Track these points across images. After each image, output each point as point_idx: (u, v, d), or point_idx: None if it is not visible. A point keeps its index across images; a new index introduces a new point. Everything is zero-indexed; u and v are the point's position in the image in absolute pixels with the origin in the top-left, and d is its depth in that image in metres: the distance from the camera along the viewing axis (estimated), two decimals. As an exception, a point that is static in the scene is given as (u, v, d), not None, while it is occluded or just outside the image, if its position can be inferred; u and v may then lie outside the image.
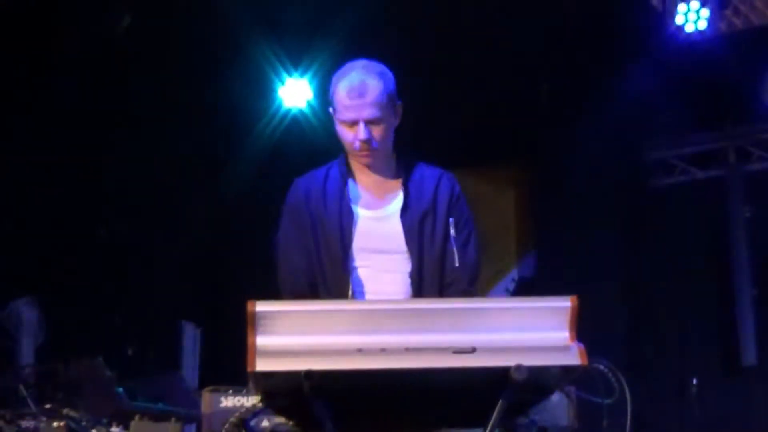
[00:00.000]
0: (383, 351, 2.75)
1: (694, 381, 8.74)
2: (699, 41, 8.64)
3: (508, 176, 10.27)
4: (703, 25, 8.55)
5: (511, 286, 9.79)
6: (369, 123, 3.75)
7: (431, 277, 3.79)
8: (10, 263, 7.71)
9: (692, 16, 8.48)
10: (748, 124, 9.62)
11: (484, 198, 9.81)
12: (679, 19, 8.56)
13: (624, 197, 9.84)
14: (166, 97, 8.70)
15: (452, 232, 3.80)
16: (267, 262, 4.01)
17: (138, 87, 8.62)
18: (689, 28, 8.58)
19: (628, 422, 3.33)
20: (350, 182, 3.90)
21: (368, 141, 3.77)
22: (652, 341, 9.48)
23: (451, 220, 3.82)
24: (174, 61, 8.71)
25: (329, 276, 3.78)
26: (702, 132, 9.76)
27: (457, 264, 3.78)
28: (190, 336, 9.36)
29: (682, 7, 8.49)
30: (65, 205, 8.19)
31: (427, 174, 3.93)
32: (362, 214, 3.84)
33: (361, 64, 3.83)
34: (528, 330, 2.83)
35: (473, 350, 2.76)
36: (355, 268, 3.79)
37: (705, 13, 8.47)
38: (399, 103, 3.86)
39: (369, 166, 3.88)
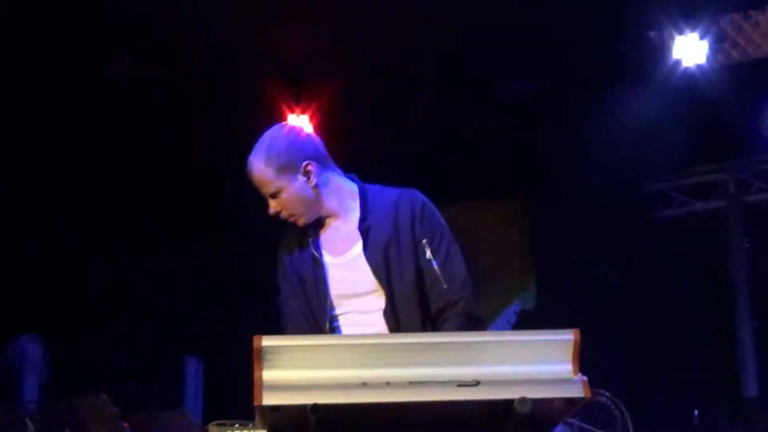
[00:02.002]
0: (388, 385, 2.77)
1: (696, 413, 8.73)
2: (697, 74, 8.68)
3: (508, 210, 10.30)
4: (701, 58, 8.59)
5: (513, 319, 9.80)
6: (271, 196, 3.77)
7: (407, 309, 3.68)
8: (13, 300, 7.72)
9: (690, 49, 8.53)
10: (747, 156, 9.67)
11: (484, 231, 9.85)
12: (677, 53, 8.60)
13: (624, 230, 9.87)
14: (170, 132, 8.75)
15: (428, 254, 3.70)
16: (269, 294, 4.03)
17: (143, 124, 8.66)
18: (687, 62, 8.62)
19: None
20: (317, 231, 3.84)
21: (276, 215, 3.79)
22: (653, 373, 9.48)
23: (424, 241, 3.72)
24: (177, 97, 8.77)
25: (318, 324, 3.75)
26: (701, 164, 9.81)
27: (445, 286, 3.69)
28: (193, 370, 9.36)
29: (680, 41, 8.53)
30: (68, 242, 8.22)
31: (385, 200, 3.80)
32: (330, 261, 3.79)
33: (259, 140, 3.82)
34: (531, 363, 2.84)
35: (477, 383, 2.78)
36: (337, 316, 3.76)
37: (703, 46, 8.52)
38: (304, 163, 3.73)
39: (323, 219, 3.83)
